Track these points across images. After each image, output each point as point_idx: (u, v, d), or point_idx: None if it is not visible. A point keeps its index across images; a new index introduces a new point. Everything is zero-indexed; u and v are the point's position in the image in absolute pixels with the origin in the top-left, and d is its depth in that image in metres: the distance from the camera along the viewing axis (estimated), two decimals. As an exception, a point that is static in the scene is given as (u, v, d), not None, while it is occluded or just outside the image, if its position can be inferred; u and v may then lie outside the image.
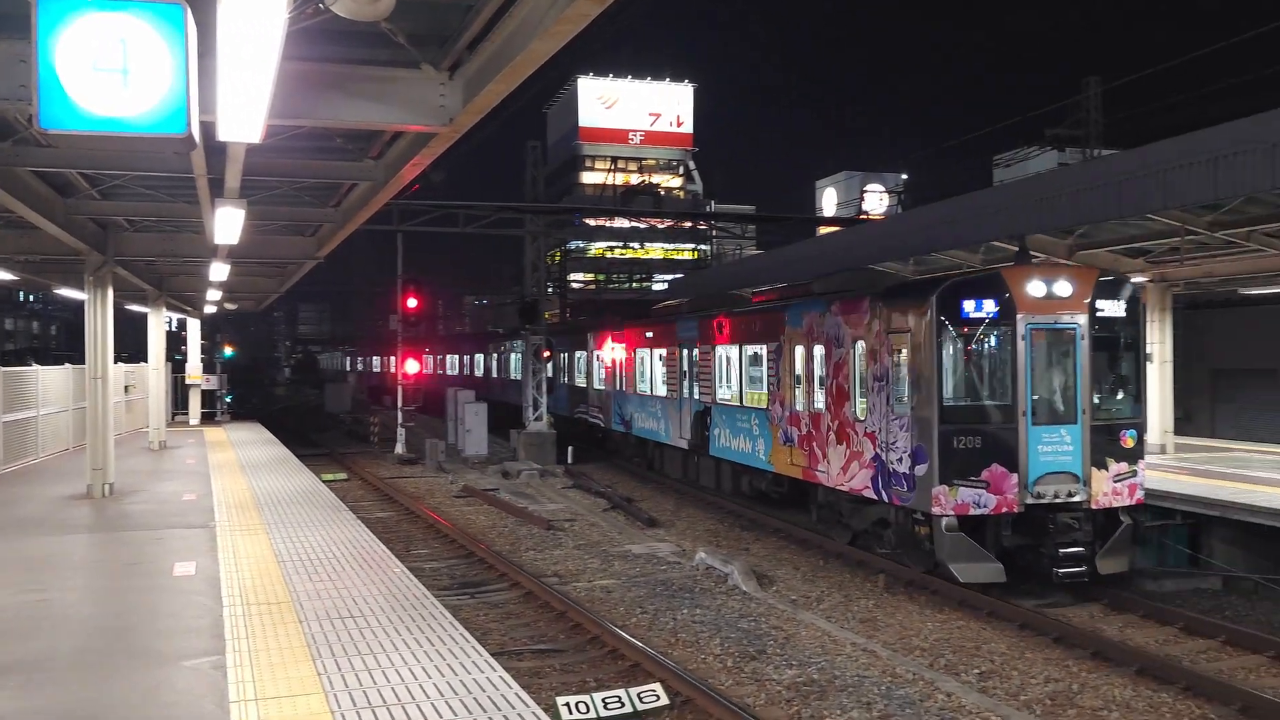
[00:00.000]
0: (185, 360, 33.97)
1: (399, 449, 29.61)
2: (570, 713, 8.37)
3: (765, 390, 17.48)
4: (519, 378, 30.81)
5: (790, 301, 17.05)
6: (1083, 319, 12.82)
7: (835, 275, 17.47)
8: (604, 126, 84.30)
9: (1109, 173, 14.63)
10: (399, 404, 31.12)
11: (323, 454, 30.45)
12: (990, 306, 12.54)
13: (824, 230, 40.02)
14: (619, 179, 74.97)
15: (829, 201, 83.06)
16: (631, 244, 76.09)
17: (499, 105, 7.84)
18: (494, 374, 38.77)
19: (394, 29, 7.09)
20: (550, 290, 38.38)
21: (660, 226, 61.33)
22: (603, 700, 8.52)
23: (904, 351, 13.11)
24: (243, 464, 20.19)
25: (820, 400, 15.43)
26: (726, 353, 19.37)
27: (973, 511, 12.28)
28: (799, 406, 16.16)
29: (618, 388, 25.88)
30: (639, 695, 8.66)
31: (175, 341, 38.25)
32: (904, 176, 68.45)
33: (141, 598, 8.97)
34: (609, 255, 76.95)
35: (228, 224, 11.73)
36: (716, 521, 18.77)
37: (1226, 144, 12.46)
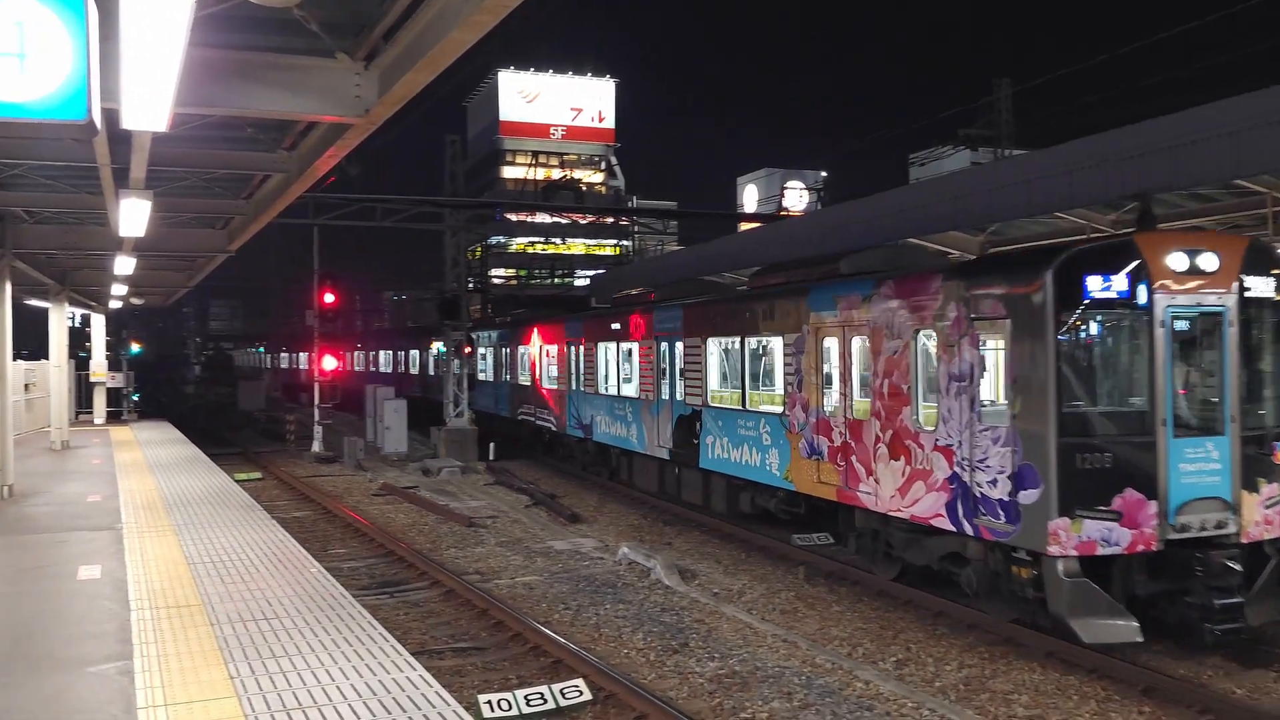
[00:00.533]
0: (89, 357, 32.91)
1: (316, 447, 29.06)
2: (492, 710, 8.33)
3: (780, 391, 14.63)
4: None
5: (814, 283, 14.04)
6: (1231, 300, 10.05)
7: (873, 250, 14.53)
8: (525, 121, 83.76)
9: (1020, 172, 15.07)
10: (315, 401, 30.55)
11: (236, 453, 29.74)
12: (1121, 284, 9.75)
13: (745, 226, 40.40)
14: (540, 174, 74.64)
15: (750, 198, 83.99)
16: (553, 239, 75.82)
17: (417, 97, 7.75)
18: (430, 371, 38.02)
19: (307, 16, 6.94)
20: (471, 286, 38.01)
21: (582, 222, 61.29)
22: (525, 697, 8.50)
23: (999, 343, 10.39)
24: (151, 464, 19.60)
25: (863, 404, 12.67)
26: (724, 346, 16.52)
27: (1100, 551, 9.51)
28: (830, 411, 13.27)
29: (574, 387, 22.78)
30: (562, 691, 8.66)
31: (79, 338, 36.99)
32: (823, 174, 69.70)
33: (44, 603, 8.65)
34: (530, 250, 76.56)
35: (133, 216, 11.36)
36: (640, 517, 18.82)
37: (1129, 146, 12.95)
